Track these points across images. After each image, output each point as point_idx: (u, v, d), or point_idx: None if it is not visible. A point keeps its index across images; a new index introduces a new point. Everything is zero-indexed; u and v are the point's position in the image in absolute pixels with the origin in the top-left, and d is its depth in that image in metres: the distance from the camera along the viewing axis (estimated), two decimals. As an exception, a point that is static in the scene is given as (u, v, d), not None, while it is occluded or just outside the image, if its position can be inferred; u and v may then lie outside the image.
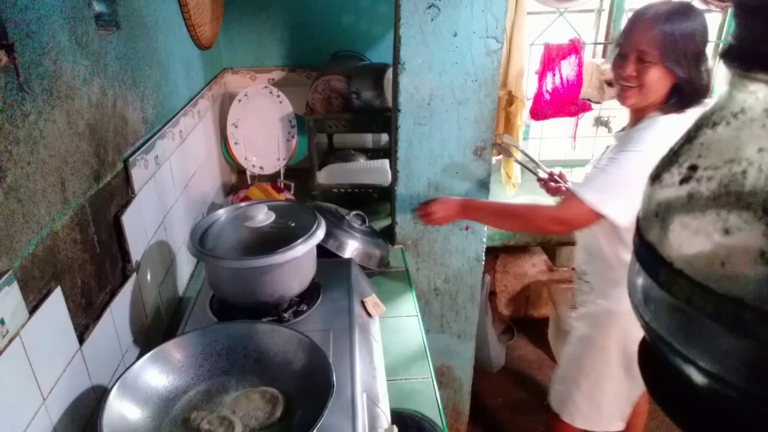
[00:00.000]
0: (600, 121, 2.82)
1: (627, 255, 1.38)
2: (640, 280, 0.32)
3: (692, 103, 1.26)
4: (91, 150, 1.00)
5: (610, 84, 1.46)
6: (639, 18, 1.26)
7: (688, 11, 1.22)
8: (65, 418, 0.87)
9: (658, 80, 1.24)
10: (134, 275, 1.16)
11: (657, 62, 1.23)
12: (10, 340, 0.73)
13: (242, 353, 0.99)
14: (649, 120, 1.30)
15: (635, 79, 1.27)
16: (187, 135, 1.65)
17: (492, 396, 2.59)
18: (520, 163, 1.72)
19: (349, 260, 1.40)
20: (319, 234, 1.15)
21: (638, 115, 1.35)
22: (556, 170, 1.72)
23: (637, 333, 0.39)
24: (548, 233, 1.40)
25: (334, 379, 0.85)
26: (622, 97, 1.33)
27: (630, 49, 1.26)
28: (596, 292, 1.55)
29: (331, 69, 2.02)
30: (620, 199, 1.29)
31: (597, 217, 1.32)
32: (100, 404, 0.81)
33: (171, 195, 1.46)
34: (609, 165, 1.31)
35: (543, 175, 1.72)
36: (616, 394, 1.56)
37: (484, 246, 1.88)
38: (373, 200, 2.08)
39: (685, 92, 1.25)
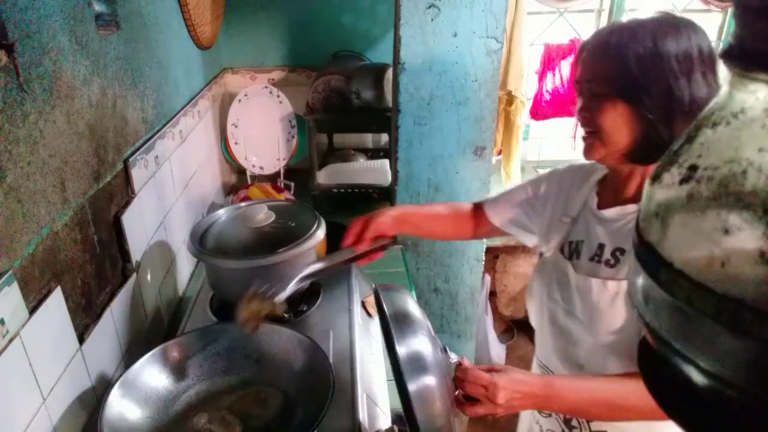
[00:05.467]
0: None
1: None
2: (640, 280, 0.32)
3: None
4: (91, 150, 1.00)
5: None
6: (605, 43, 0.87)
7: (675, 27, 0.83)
8: (65, 418, 0.87)
9: (618, 123, 0.86)
10: (134, 275, 1.16)
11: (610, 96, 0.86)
12: (10, 340, 0.73)
13: (242, 353, 0.99)
14: None
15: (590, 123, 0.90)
16: (187, 135, 1.65)
17: (492, 396, 2.59)
18: None
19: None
20: (319, 234, 1.15)
21: (622, 177, 0.94)
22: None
23: None
24: None
25: (334, 379, 0.85)
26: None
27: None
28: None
29: (331, 69, 2.02)
30: None
31: None
32: (100, 404, 0.81)
33: (171, 195, 1.46)
34: None
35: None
36: None
37: (484, 246, 1.88)
38: (373, 200, 2.08)
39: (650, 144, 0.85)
